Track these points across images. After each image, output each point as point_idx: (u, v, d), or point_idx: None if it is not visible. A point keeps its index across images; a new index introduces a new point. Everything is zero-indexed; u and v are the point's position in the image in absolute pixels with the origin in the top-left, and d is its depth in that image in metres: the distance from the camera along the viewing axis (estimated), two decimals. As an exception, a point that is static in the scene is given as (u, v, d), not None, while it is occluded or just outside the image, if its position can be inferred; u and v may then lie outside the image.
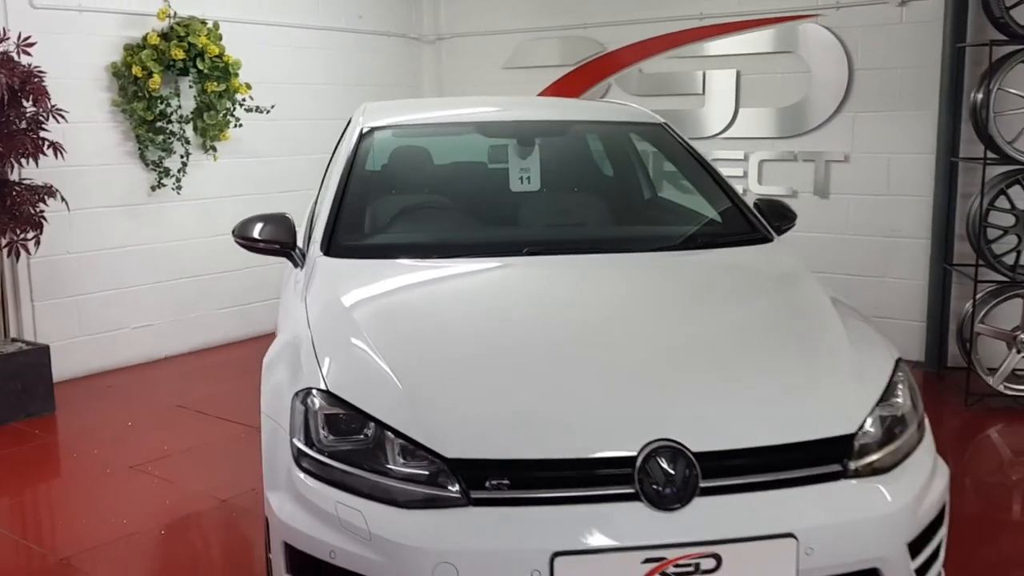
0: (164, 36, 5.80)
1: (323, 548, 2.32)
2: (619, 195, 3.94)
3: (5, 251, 4.99)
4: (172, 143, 5.98)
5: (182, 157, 6.05)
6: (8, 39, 4.84)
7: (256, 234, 3.38)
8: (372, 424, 2.37)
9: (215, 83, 5.93)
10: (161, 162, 6.00)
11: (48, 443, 4.75)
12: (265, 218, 3.42)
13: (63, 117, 5.00)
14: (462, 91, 7.78)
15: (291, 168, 6.79)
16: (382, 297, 2.98)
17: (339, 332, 2.71)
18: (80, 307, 5.78)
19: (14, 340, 5.22)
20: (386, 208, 3.60)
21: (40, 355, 5.11)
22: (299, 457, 2.45)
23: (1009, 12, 4.77)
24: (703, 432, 2.32)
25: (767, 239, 3.49)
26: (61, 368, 5.48)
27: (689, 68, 6.69)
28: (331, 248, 3.25)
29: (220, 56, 5.94)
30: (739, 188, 6.44)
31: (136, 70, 5.68)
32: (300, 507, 2.41)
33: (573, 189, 3.99)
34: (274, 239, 3.37)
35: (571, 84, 7.22)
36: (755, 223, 3.56)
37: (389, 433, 2.34)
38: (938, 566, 2.67)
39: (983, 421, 4.93)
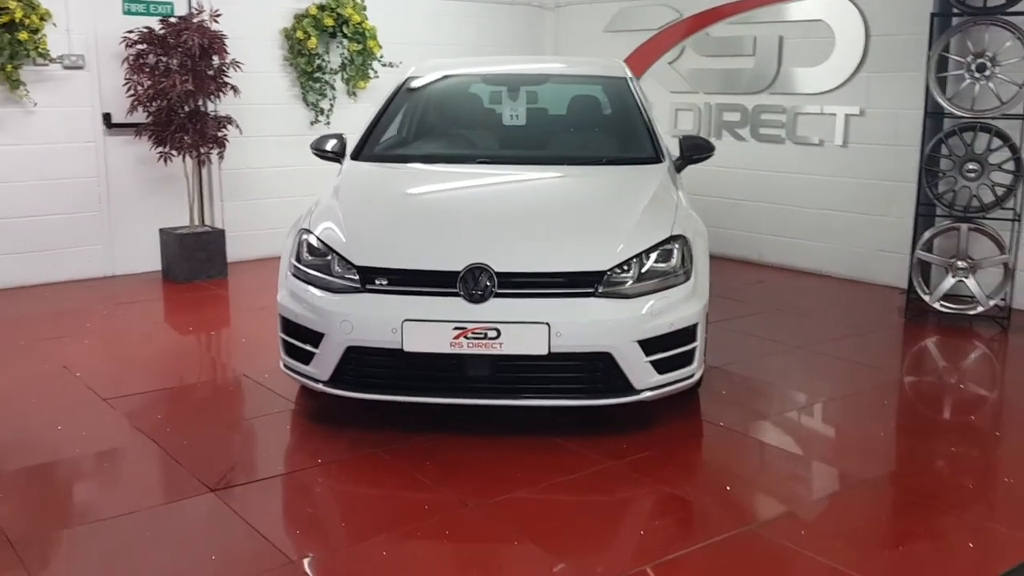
0: (321, 8, 7.76)
1: (293, 313, 4.12)
2: (579, 128, 5.42)
3: (197, 161, 7.13)
4: (325, 89, 7.98)
5: (331, 100, 8.04)
6: (203, 11, 6.94)
7: (327, 147, 5.19)
8: (329, 251, 4.12)
9: (355, 44, 7.86)
10: (317, 103, 8.02)
11: (217, 294, 6.88)
12: (332, 136, 5.22)
13: (240, 68, 7.08)
14: (571, 52, 9.29)
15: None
16: (366, 181, 4.74)
17: (330, 200, 4.48)
18: (255, 208, 7.91)
19: (204, 225, 7.42)
20: (403, 131, 5.32)
21: (218, 236, 7.28)
22: (291, 267, 4.25)
23: (949, -11, 5.72)
24: (503, 261, 3.88)
25: (659, 161, 4.89)
26: (238, 251, 7.64)
27: (744, 33, 7.85)
28: (357, 155, 5.02)
29: (360, 23, 7.85)
30: (781, 135, 7.60)
31: (299, 33, 7.69)
32: (288, 295, 4.21)
33: (547, 124, 5.52)
34: (333, 150, 5.16)
35: (655, 46, 8.55)
36: (658, 151, 4.95)
37: (335, 255, 4.08)
38: (689, 370, 4.11)
39: (920, 333, 5.98)
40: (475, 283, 3.85)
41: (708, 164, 6.59)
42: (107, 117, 7.10)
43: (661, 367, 3.98)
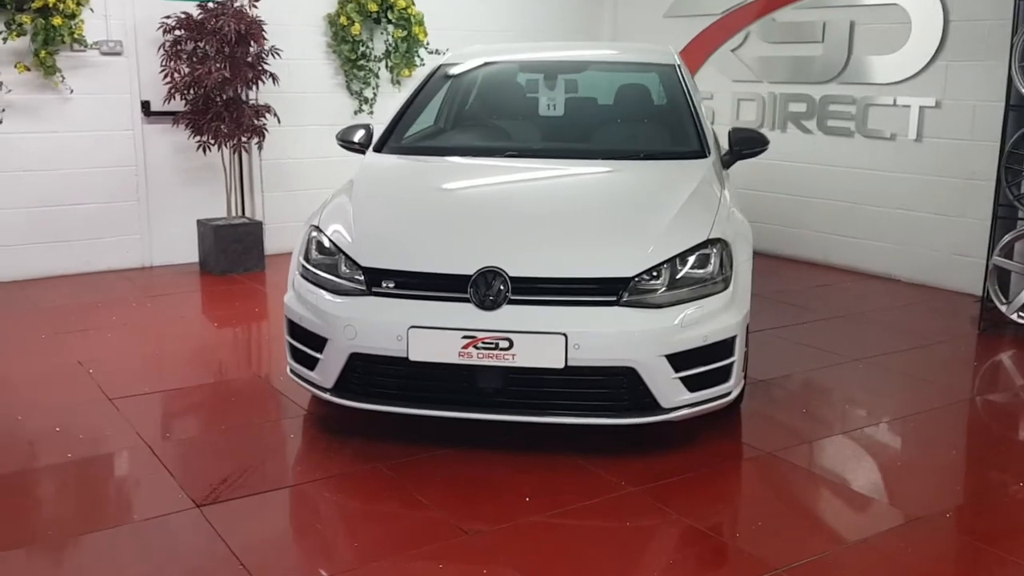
0: (365, -8, 7.52)
1: (298, 316, 3.85)
2: (619, 119, 5.03)
3: (234, 150, 6.94)
4: (369, 77, 7.73)
5: (374, 88, 7.79)
6: (243, -3, 6.75)
7: (354, 139, 4.91)
8: (337, 251, 3.83)
9: (400, 30, 7.58)
10: (361, 92, 7.77)
11: (251, 288, 6.69)
12: (359, 127, 4.94)
13: (279, 55, 6.87)
14: (629, 38, 8.87)
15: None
16: (383, 176, 4.45)
17: (343, 195, 4.21)
18: (296, 199, 7.69)
19: (242, 216, 7.24)
20: (433, 122, 5.02)
21: (256, 228, 7.09)
22: (300, 267, 3.98)
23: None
24: (519, 264, 3.55)
25: (704, 156, 4.48)
26: (279, 244, 7.42)
27: (813, 18, 7.34)
28: (379, 147, 4.73)
29: (406, 8, 7.57)
30: (850, 128, 7.09)
31: (343, 19, 7.44)
32: (295, 296, 3.95)
33: (585, 115, 5.15)
34: (360, 142, 4.88)
35: (717, 31, 8.09)
36: (704, 145, 4.55)
37: (342, 255, 3.79)
38: (724, 388, 3.71)
39: (994, 346, 5.46)
40: (487, 288, 3.52)
41: (771, 158, 6.15)
42: (145, 105, 6.96)
43: (692, 384, 3.60)
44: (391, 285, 3.65)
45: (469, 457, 3.69)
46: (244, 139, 6.87)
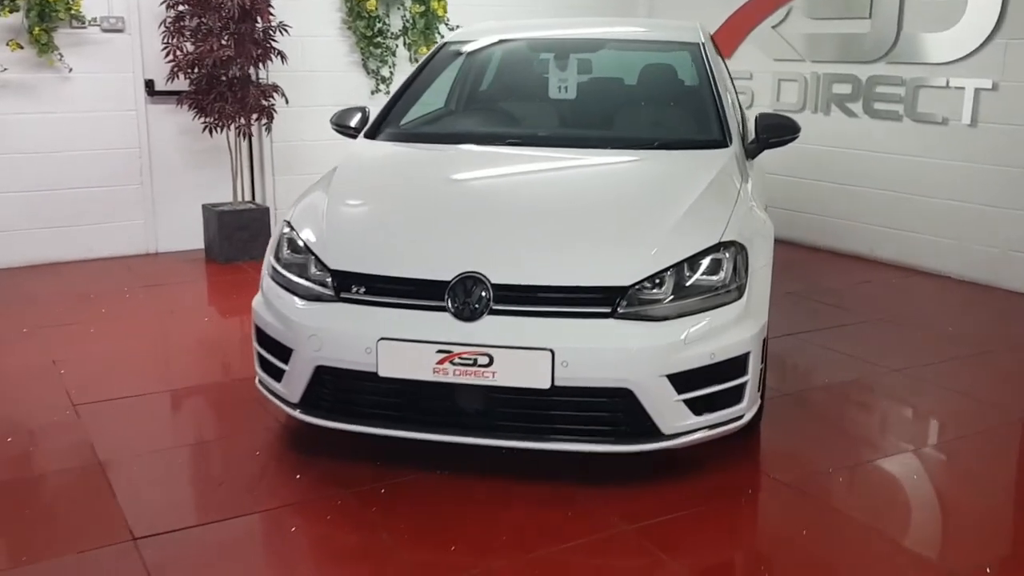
0: (381, -34, 7.11)
1: (263, 322, 3.50)
2: (635, 103, 4.58)
3: (239, 132, 6.60)
4: (386, 55, 7.34)
5: (391, 67, 7.40)
6: (250, -30, 6.37)
7: (350, 123, 4.53)
8: (307, 250, 3.46)
9: (417, 5, 7.17)
10: (378, 70, 7.39)
11: (255, 278, 6.09)
12: (356, 110, 4.56)
13: (287, 31, 6.50)
14: (665, 13, 8.36)
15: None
16: (367, 165, 4.07)
17: (320, 186, 3.83)
18: (308, 183, 7.32)
19: (248, 202, 6.92)
20: (434, 106, 4.61)
21: (262, 213, 6.77)
22: (270, 268, 3.61)
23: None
24: (502, 270, 3.15)
25: (724, 145, 4.02)
26: (290, 229, 7.12)
27: (860, -8, 6.79)
28: (370, 133, 4.35)
29: (423, -18, 7.17)
30: (898, 112, 6.55)
31: (358, -6, 7.07)
32: (262, 300, 3.59)
33: (598, 99, 4.70)
34: (355, 126, 4.50)
35: (758, 7, 7.55)
36: (725, 133, 4.09)
37: (311, 256, 3.42)
38: (736, 410, 3.28)
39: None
40: (466, 296, 3.13)
41: (813, 143, 5.64)
42: (149, 84, 6.66)
43: (698, 407, 3.17)
44: (361, 291, 3.27)
45: (445, 485, 3.31)
46: (252, 120, 6.54)
